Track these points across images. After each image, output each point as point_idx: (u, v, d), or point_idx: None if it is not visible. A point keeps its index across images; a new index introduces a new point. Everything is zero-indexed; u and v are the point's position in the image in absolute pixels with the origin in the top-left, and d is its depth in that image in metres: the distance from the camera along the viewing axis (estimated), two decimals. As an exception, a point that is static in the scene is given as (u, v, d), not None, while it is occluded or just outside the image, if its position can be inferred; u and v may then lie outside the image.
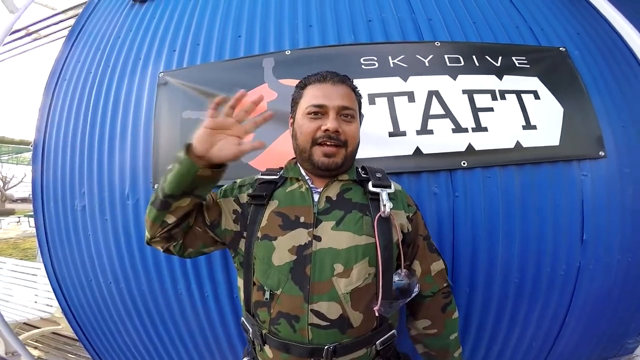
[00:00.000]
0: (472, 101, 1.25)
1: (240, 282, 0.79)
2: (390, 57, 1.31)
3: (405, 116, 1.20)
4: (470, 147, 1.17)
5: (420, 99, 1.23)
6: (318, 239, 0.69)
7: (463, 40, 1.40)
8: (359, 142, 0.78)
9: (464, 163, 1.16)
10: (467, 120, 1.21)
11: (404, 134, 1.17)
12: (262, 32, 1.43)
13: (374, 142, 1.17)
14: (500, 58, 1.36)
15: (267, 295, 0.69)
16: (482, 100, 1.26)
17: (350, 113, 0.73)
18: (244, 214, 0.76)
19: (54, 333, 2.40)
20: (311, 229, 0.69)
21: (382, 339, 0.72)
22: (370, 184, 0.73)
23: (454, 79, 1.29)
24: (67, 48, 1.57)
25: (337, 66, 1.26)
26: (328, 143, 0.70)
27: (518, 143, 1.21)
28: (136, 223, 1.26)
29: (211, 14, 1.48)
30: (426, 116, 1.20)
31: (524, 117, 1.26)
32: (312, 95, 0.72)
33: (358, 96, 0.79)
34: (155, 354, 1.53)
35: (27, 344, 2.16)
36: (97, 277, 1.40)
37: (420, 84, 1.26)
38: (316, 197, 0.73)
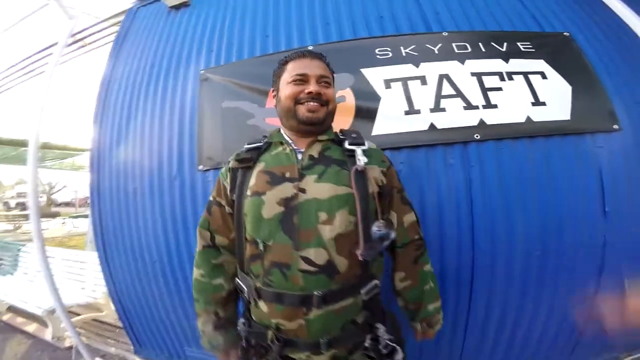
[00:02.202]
0: (480, 82, 1.35)
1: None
2: (402, 47, 1.44)
3: (419, 97, 1.31)
4: (482, 121, 1.27)
5: (432, 82, 1.35)
6: (303, 191, 0.75)
7: (469, 29, 1.52)
8: (336, 104, 0.89)
9: (477, 136, 1.25)
10: (477, 99, 1.31)
11: (418, 112, 1.29)
12: (286, 31, 1.61)
13: (392, 120, 1.29)
14: (505, 44, 1.46)
15: (261, 246, 0.74)
16: (490, 81, 1.35)
17: (328, 80, 0.84)
18: (233, 182, 0.83)
19: (95, 320, 2.56)
20: (296, 183, 0.76)
21: (366, 288, 0.76)
22: (346, 142, 0.83)
23: (462, 63, 1.40)
24: (113, 56, 1.82)
25: (354, 57, 1.44)
26: (311, 102, 0.80)
27: (528, 118, 1.29)
28: (181, 203, 1.42)
29: (240, 18, 1.69)
30: (438, 96, 1.31)
31: (533, 95, 1.34)
32: (294, 67, 0.83)
33: (331, 70, 0.90)
34: (191, 336, 1.63)
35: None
36: (143, 256, 1.55)
37: (431, 69, 1.38)
38: (300, 156, 0.82)
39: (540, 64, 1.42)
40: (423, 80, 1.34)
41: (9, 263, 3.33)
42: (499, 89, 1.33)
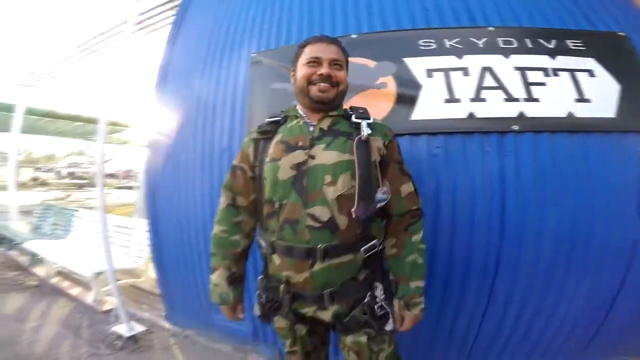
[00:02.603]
0: (524, 76, 1.37)
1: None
2: (446, 40, 1.48)
3: (459, 87, 1.36)
4: (521, 114, 1.29)
5: (474, 73, 1.38)
6: (312, 157, 0.85)
7: (517, 25, 1.53)
8: (347, 84, 0.96)
9: (515, 127, 1.27)
10: (518, 92, 1.33)
11: (458, 100, 1.33)
12: (331, 19, 1.69)
13: (431, 107, 1.34)
14: (553, 41, 1.46)
15: (277, 205, 0.84)
16: (534, 76, 1.37)
17: (339, 63, 0.91)
18: (256, 151, 0.94)
19: (132, 285, 2.79)
20: (307, 151, 0.86)
21: (365, 247, 0.84)
22: (353, 116, 0.92)
23: (507, 57, 1.42)
24: (172, 37, 2.00)
25: (397, 47, 1.50)
26: (322, 83, 0.88)
27: (570, 113, 1.30)
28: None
29: (288, 5, 1.79)
30: (479, 87, 1.35)
31: (577, 91, 1.34)
32: (311, 51, 0.91)
33: (345, 54, 0.97)
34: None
35: (110, 293, 2.54)
36: (189, 224, 1.71)
37: (474, 62, 1.41)
38: (311, 129, 0.91)
39: (589, 62, 1.41)
40: (465, 71, 1.38)
41: (62, 228, 3.66)
42: (543, 84, 1.34)
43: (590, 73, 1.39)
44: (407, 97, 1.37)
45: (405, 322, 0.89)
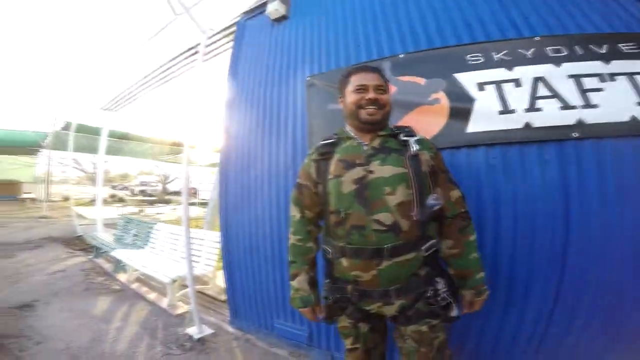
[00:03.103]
0: (579, 83, 1.39)
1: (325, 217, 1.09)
2: (494, 53, 1.53)
3: (513, 98, 1.40)
4: (580, 121, 1.31)
5: (527, 84, 1.42)
6: (371, 172, 0.97)
7: (563, 33, 1.55)
8: (391, 106, 1.09)
9: (574, 134, 1.30)
10: (575, 99, 1.35)
11: (513, 111, 1.38)
12: (376, 41, 1.81)
13: (485, 119, 1.40)
14: (605, 46, 1.46)
15: (343, 215, 0.97)
16: (590, 82, 1.38)
17: (383, 88, 1.05)
18: (318, 170, 1.08)
19: (200, 292, 2.95)
20: (365, 167, 0.98)
21: (425, 246, 0.96)
22: (401, 135, 1.04)
23: (558, 66, 1.45)
24: (233, 66, 2.21)
25: (445, 63, 1.57)
26: (370, 107, 1.02)
27: (634, 117, 1.29)
28: (293, 185, 1.69)
29: (334, 29, 1.95)
30: (533, 97, 1.39)
31: (639, 94, 1.33)
32: (356, 79, 1.06)
33: (385, 80, 1.09)
34: (282, 309, 1.87)
35: (181, 299, 2.80)
36: (257, 232, 1.87)
37: (525, 72, 1.45)
38: (365, 148, 1.03)
39: (647, 64, 1.40)
40: (517, 82, 1.43)
41: (142, 239, 4.04)
42: (600, 89, 1.35)
43: (650, 75, 1.38)
44: (460, 111, 1.44)
45: (476, 306, 1.07)
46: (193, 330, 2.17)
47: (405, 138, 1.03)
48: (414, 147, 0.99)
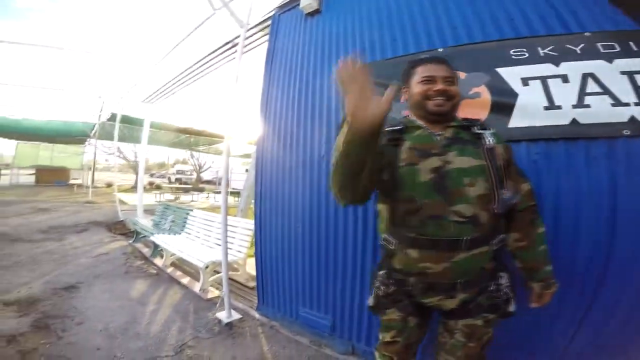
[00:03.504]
0: (632, 80, 1.33)
1: (381, 206, 1.04)
2: (539, 48, 1.50)
3: (559, 94, 1.37)
4: (632, 118, 1.26)
5: (575, 80, 1.38)
6: (448, 162, 0.95)
7: (614, 29, 1.48)
8: (460, 98, 1.06)
9: (626, 132, 1.24)
10: (628, 96, 1.30)
11: (559, 107, 1.34)
12: (413, 35, 1.81)
13: (529, 115, 1.37)
14: (662, 41, 1.38)
15: (419, 203, 0.92)
16: (644, 80, 1.31)
17: (451, 80, 1.03)
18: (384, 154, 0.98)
19: (230, 278, 2.98)
20: (441, 157, 0.96)
21: (496, 240, 0.95)
22: (475, 127, 1.02)
23: (610, 62, 1.39)
24: (269, 59, 2.29)
25: (487, 58, 1.55)
26: (438, 98, 1.00)
27: (692, 116, 1.22)
28: (326, 179, 1.74)
29: (368, 22, 1.95)
30: (582, 94, 1.34)
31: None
32: (423, 70, 1.04)
33: (453, 71, 1.06)
34: (308, 298, 1.92)
35: (213, 284, 2.92)
36: (290, 220, 1.94)
37: (574, 68, 1.41)
38: (437, 137, 1.00)
39: None
40: (564, 78, 1.39)
41: (178, 224, 4.20)
42: (656, 87, 1.28)
43: None
44: (502, 106, 1.43)
45: (546, 298, 1.06)
46: (222, 315, 2.26)
47: (479, 131, 1.01)
48: (490, 140, 0.98)
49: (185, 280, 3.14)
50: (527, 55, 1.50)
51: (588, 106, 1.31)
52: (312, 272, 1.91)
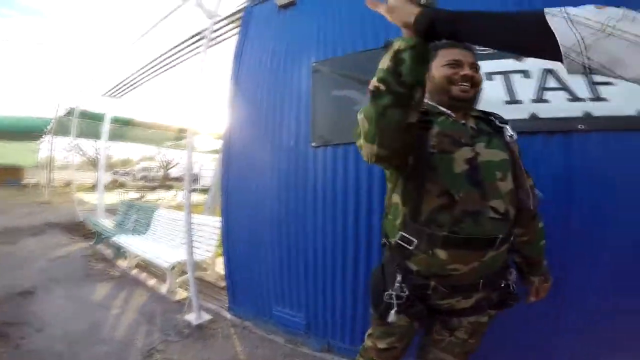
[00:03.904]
0: (588, 77, 1.37)
1: (398, 199, 0.91)
2: (503, 43, 1.52)
3: (520, 89, 1.39)
4: (587, 113, 1.30)
5: (535, 75, 1.41)
6: (478, 154, 0.86)
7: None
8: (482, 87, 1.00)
9: (581, 126, 1.29)
10: (583, 92, 1.34)
11: (520, 102, 1.37)
12: (385, 29, 1.78)
13: (492, 109, 1.36)
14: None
15: (457, 197, 0.81)
16: (602, 77, 1.36)
17: (477, 67, 0.96)
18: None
19: (198, 278, 2.89)
20: (472, 147, 0.87)
21: (513, 236, 0.92)
22: (497, 120, 0.96)
23: (568, 58, 1.43)
24: (239, 51, 2.18)
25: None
26: (464, 84, 0.91)
27: (639, 111, 1.28)
28: (295, 172, 1.71)
29: (339, 17, 1.90)
30: (541, 88, 1.38)
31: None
32: (448, 54, 0.93)
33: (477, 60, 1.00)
34: (280, 297, 1.87)
35: (181, 285, 2.80)
36: (257, 215, 1.87)
37: (535, 64, 1.43)
38: (464, 126, 0.91)
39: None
40: (526, 74, 1.41)
41: (143, 224, 4.00)
42: (610, 83, 1.34)
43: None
44: (467, 100, 1.43)
45: (543, 293, 1.07)
46: (191, 317, 2.18)
47: (500, 125, 0.94)
48: (513, 135, 0.92)
49: (152, 282, 3.02)
50: (491, 50, 1.51)
51: (546, 101, 1.35)
52: (283, 270, 1.86)
